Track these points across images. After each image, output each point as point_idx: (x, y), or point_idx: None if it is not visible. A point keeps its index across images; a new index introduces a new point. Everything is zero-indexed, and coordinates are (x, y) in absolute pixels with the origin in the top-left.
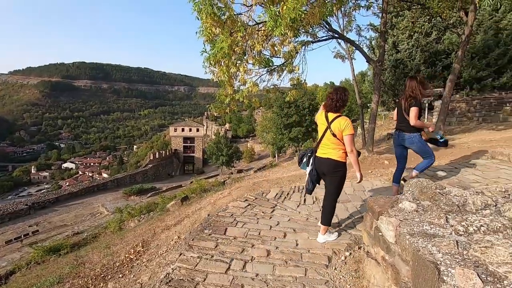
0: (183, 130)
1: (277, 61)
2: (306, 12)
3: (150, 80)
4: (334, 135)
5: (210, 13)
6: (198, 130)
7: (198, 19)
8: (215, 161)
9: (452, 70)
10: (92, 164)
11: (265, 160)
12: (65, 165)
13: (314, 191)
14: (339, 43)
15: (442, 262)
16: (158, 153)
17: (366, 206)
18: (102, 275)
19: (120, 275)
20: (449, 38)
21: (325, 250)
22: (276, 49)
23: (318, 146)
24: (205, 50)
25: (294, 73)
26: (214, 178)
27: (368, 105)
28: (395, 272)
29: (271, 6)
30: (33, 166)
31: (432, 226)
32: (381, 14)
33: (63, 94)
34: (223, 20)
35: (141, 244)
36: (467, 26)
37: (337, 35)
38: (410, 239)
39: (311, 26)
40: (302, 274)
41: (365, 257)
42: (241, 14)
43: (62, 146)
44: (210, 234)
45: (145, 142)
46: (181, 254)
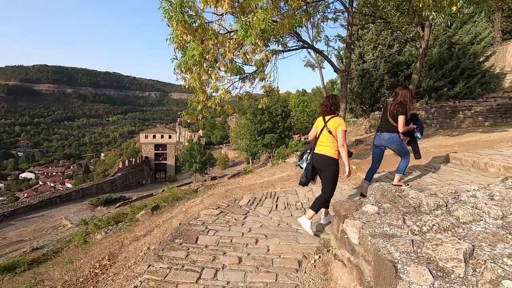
0: (155, 137)
1: (249, 69)
2: (276, 23)
3: (119, 85)
4: (330, 132)
5: (180, 20)
6: (170, 137)
7: (168, 26)
8: (188, 168)
9: (411, 80)
10: (54, 173)
11: (239, 166)
12: (23, 175)
13: (285, 196)
14: (309, 53)
15: (399, 261)
16: (127, 160)
17: (333, 210)
18: None
19: None
20: (409, 50)
21: (295, 254)
22: (248, 57)
23: (316, 144)
24: (176, 57)
25: (266, 80)
26: (187, 186)
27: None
28: (360, 272)
29: (242, 16)
30: None
31: (391, 227)
32: (347, 26)
33: (22, 98)
34: (194, 27)
35: (107, 257)
36: (424, 40)
37: (306, 45)
38: (372, 240)
39: (281, 36)
40: (273, 280)
41: (332, 259)
42: (212, 22)
43: (20, 154)
44: (181, 244)
45: (113, 150)
46: (150, 266)
